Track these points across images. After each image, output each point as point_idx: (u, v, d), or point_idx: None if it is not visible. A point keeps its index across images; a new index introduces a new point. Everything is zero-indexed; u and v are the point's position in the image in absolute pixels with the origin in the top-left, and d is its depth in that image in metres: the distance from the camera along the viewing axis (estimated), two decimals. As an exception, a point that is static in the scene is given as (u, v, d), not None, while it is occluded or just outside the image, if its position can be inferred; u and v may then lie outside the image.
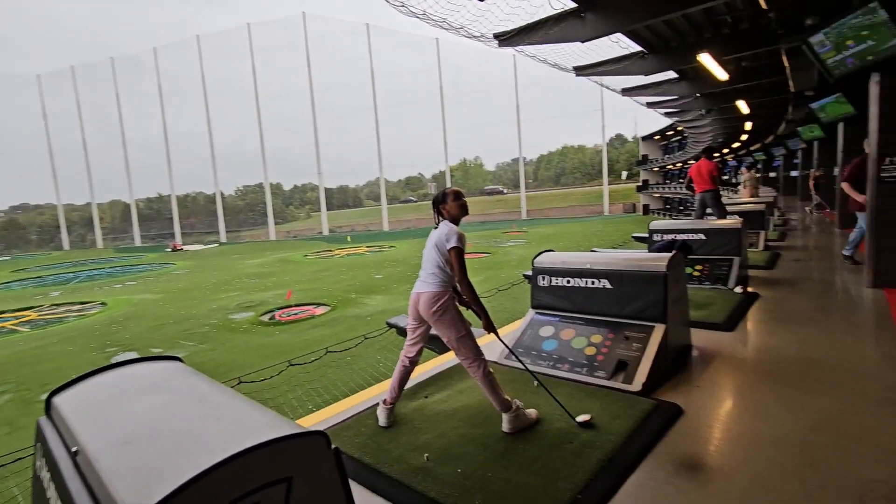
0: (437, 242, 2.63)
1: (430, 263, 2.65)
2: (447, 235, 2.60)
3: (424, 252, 2.73)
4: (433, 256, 2.64)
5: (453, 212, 2.71)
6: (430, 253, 2.67)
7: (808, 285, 5.55)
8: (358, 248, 41.78)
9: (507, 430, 2.52)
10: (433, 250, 2.65)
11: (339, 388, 7.53)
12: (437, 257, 2.62)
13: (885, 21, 4.33)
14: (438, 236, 2.64)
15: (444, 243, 2.60)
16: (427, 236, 2.77)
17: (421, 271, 2.72)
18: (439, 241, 2.62)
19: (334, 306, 18.70)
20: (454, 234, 2.59)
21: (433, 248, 2.65)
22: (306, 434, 1.15)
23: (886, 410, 2.53)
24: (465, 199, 2.81)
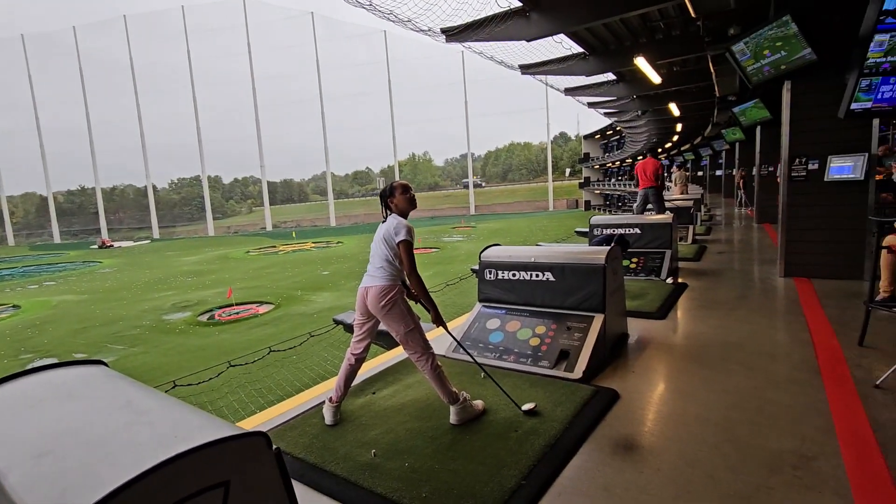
0: (385, 236, 2.60)
1: (379, 257, 2.62)
2: (395, 229, 2.58)
3: (372, 246, 2.69)
4: (381, 250, 2.61)
5: (401, 205, 2.69)
6: (378, 247, 2.63)
7: (729, 276, 6.01)
8: (304, 243, 40.60)
9: (454, 422, 2.55)
10: (381, 244, 2.62)
11: (283, 389, 7.32)
12: (385, 251, 2.59)
13: (795, 33, 4.75)
14: (387, 230, 2.61)
15: (392, 237, 2.57)
16: (375, 232, 2.73)
17: (369, 265, 2.68)
18: (387, 234, 2.59)
19: (279, 304, 18.09)
20: (403, 228, 2.57)
21: (381, 241, 2.62)
22: (244, 435, 1.11)
23: (794, 387, 2.80)
24: (414, 192, 2.80)
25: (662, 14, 7.54)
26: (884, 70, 4.51)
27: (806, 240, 5.44)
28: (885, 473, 1.96)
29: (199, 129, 55.48)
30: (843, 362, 3.09)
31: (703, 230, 10.02)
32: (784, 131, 5.57)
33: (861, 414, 2.44)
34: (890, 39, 4.31)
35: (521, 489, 1.97)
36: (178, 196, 75.32)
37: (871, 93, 4.64)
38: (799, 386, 2.81)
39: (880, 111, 4.74)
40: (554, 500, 1.94)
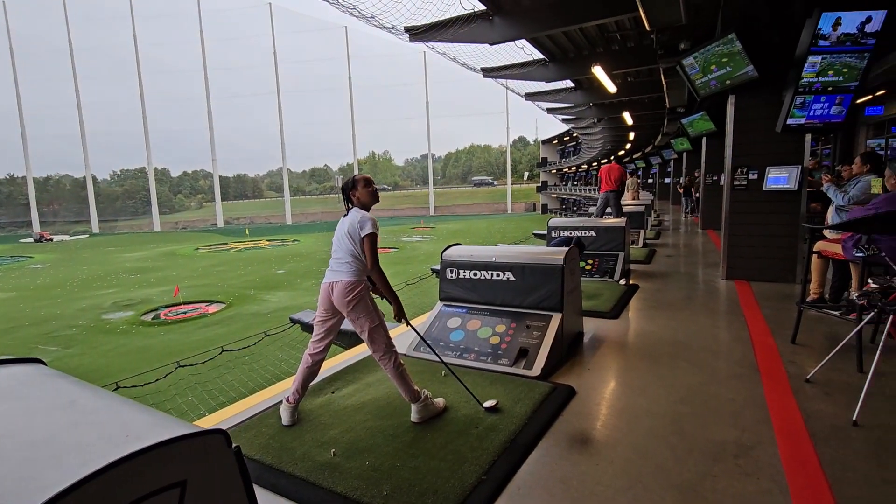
0: (349, 230, 2.54)
1: (343, 252, 2.55)
2: (360, 222, 2.52)
3: (335, 240, 2.63)
4: (346, 245, 2.55)
5: (364, 198, 2.64)
6: (341, 241, 2.57)
7: (677, 278, 6.32)
8: (258, 241, 39.29)
9: (415, 419, 2.55)
10: (345, 238, 2.55)
11: (237, 390, 7.05)
12: (350, 245, 2.54)
13: (739, 51, 5.07)
14: (350, 223, 2.55)
15: (357, 231, 2.52)
16: (334, 230, 2.67)
17: (332, 260, 2.61)
18: (352, 228, 2.53)
19: (230, 303, 17.44)
20: (368, 221, 2.52)
21: (345, 235, 2.56)
22: (202, 434, 1.06)
23: (735, 382, 2.98)
24: (376, 186, 2.77)
25: (619, 26, 7.85)
26: (816, 89, 4.89)
27: (745, 245, 5.81)
28: (814, 460, 2.12)
29: (146, 118, 52.60)
30: (777, 359, 3.32)
31: (653, 234, 10.50)
32: (728, 143, 5.93)
33: (793, 406, 2.63)
34: (822, 61, 4.68)
35: (482, 484, 2.00)
36: (121, 188, 71.01)
37: (805, 110, 5.03)
38: (739, 381, 3.00)
39: (812, 127, 5.13)
40: (514, 494, 1.98)
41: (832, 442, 2.26)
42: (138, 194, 66.58)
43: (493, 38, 7.02)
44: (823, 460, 2.11)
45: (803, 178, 5.34)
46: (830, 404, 2.64)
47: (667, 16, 4.78)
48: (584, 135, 28.43)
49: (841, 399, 2.67)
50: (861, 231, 3.01)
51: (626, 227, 6.37)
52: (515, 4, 6.84)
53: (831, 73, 4.80)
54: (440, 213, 63.25)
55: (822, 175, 4.47)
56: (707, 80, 5.64)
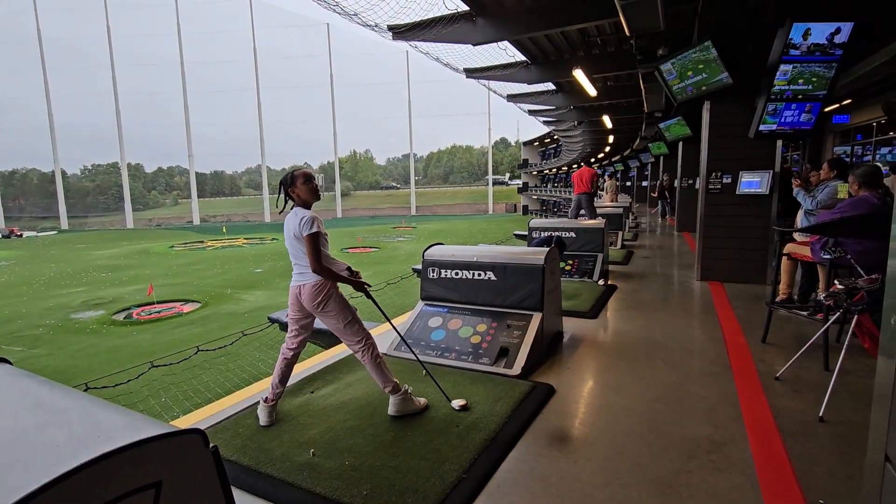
0: (295, 234, 2.47)
1: (300, 255, 2.50)
2: (301, 224, 2.43)
3: (287, 244, 2.57)
4: (298, 248, 2.49)
5: (304, 196, 2.57)
6: (293, 245, 2.52)
7: (653, 279, 6.45)
8: (235, 239, 38.58)
9: (392, 413, 2.54)
10: (295, 242, 2.49)
11: (212, 391, 6.90)
12: (301, 248, 2.47)
13: (715, 58, 5.20)
14: (294, 226, 2.47)
15: (300, 233, 2.45)
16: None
17: (294, 264, 2.57)
18: (296, 230, 2.46)
19: (206, 303, 17.08)
20: (308, 222, 2.43)
21: (294, 239, 2.49)
22: (178, 434, 1.04)
23: (707, 380, 3.06)
24: (317, 183, 2.68)
25: (599, 31, 7.97)
26: (787, 97, 5.06)
27: (719, 247, 5.97)
28: (783, 455, 2.19)
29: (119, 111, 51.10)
30: (749, 357, 3.42)
31: (630, 236, 10.69)
32: (703, 147, 6.08)
33: (764, 403, 2.71)
34: (793, 69, 4.84)
35: (462, 483, 2.00)
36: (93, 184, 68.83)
37: (776, 116, 5.19)
38: (713, 379, 3.08)
39: (783, 133, 5.30)
40: (494, 492, 1.99)
41: (800, 438, 2.34)
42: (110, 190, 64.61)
43: (475, 39, 7.05)
44: (792, 455, 2.18)
45: (774, 183, 5.51)
46: (799, 401, 2.73)
47: (646, 22, 4.87)
48: (565, 137, 28.77)
49: (809, 396, 2.77)
50: (828, 234, 3.13)
51: (604, 229, 6.47)
52: (499, 6, 6.88)
53: (801, 82, 4.97)
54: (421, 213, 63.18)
55: (793, 180, 4.62)
56: (684, 85, 5.77)
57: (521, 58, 9.19)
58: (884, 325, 0.86)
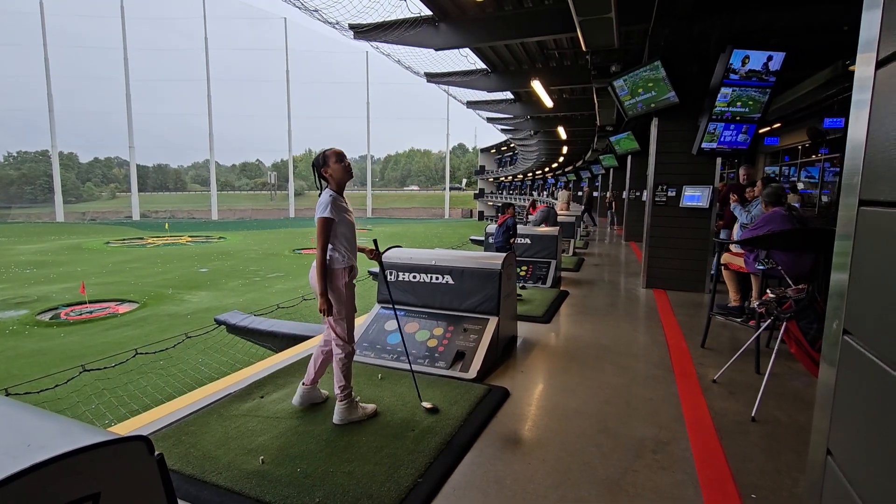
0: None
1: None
2: (319, 205, 2.44)
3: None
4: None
5: (337, 175, 2.51)
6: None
7: (603, 286, 6.70)
8: (179, 237, 36.65)
9: (337, 421, 2.50)
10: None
11: (151, 396, 6.48)
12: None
13: (663, 77, 5.50)
14: (317, 207, 2.48)
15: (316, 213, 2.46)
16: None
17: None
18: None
19: (144, 303, 16.10)
20: (323, 204, 2.42)
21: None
22: (119, 441, 0.97)
23: (653, 383, 3.21)
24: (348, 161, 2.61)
25: (557, 44, 8.23)
26: (726, 118, 5.42)
27: (664, 256, 6.29)
28: (720, 453, 2.33)
29: (51, 96, 47.34)
30: (689, 361, 3.62)
31: (581, 244, 11.06)
32: (650, 161, 6.39)
33: (703, 404, 2.88)
34: (732, 93, 5.20)
35: (418, 487, 1.99)
36: (17, 173, 63.29)
37: (716, 136, 5.55)
38: (657, 382, 3.23)
39: (722, 151, 5.68)
40: (449, 495, 1.99)
41: (735, 437, 2.49)
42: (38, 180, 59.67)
43: (438, 44, 7.10)
44: (728, 453, 2.32)
45: (714, 197, 5.88)
46: (733, 402, 2.91)
47: (601, 39, 5.08)
48: (521, 146, 29.44)
49: (742, 397, 2.96)
50: (756, 246, 3.38)
51: (558, 236, 6.66)
52: (461, 13, 6.96)
53: (739, 105, 5.35)
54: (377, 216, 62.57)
55: (731, 195, 4.95)
56: (635, 102, 6.06)
57: (482, 66, 9.34)
58: (826, 330, 0.94)
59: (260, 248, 29.92)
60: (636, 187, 12.20)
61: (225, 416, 2.60)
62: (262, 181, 76.43)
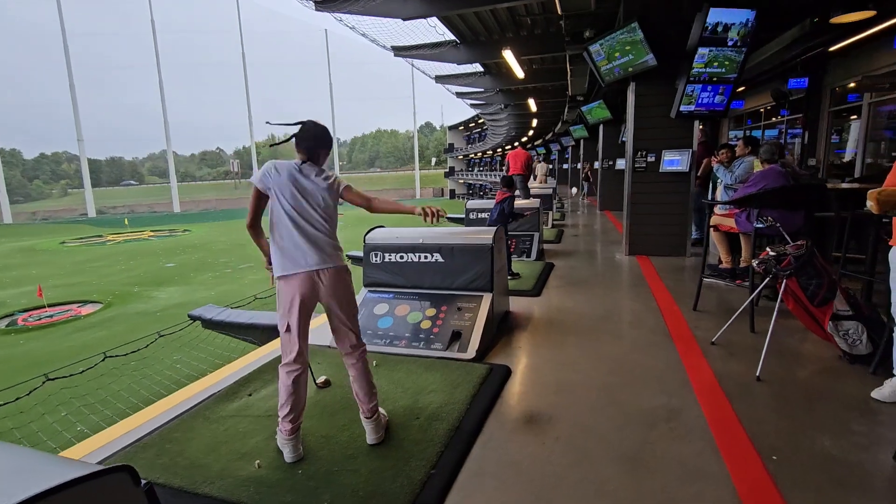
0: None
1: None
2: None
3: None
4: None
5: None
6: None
7: (586, 256, 6.68)
8: (140, 232, 35.13)
9: (374, 441, 2.11)
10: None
11: (126, 402, 6.14)
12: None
13: (641, 39, 5.37)
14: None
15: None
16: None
17: None
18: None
19: (109, 303, 15.38)
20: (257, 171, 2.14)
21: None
22: (98, 475, 0.78)
23: (653, 349, 3.16)
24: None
25: (528, 10, 7.98)
26: (703, 79, 5.36)
27: (645, 223, 6.27)
28: (733, 417, 2.29)
29: (-16, 88, 43.89)
30: (685, 325, 3.60)
31: (558, 216, 11.05)
32: (629, 127, 6.31)
33: (706, 367, 2.84)
34: (710, 53, 5.12)
35: (432, 479, 1.86)
36: (-46, 173, 58.92)
37: (694, 98, 5.50)
38: (657, 348, 3.19)
39: (700, 114, 5.63)
40: (465, 485, 1.87)
41: (744, 398, 2.46)
42: (-22, 180, 55.73)
43: (406, 14, 6.76)
44: (740, 416, 2.28)
45: (692, 161, 5.86)
46: (735, 363, 2.89)
47: (578, 1, 4.89)
48: (491, 120, 29.16)
49: (743, 358, 2.95)
50: (752, 205, 3.34)
51: (539, 209, 6.56)
52: (428, -21, 6.63)
53: (716, 65, 5.29)
54: (348, 200, 61.42)
55: (713, 156, 4.92)
56: (612, 66, 5.93)
57: (451, 37, 9.02)
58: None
59: (228, 239, 28.96)
60: (609, 156, 12.20)
61: (211, 418, 2.41)
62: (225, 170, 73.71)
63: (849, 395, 2.44)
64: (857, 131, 9.69)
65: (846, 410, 2.30)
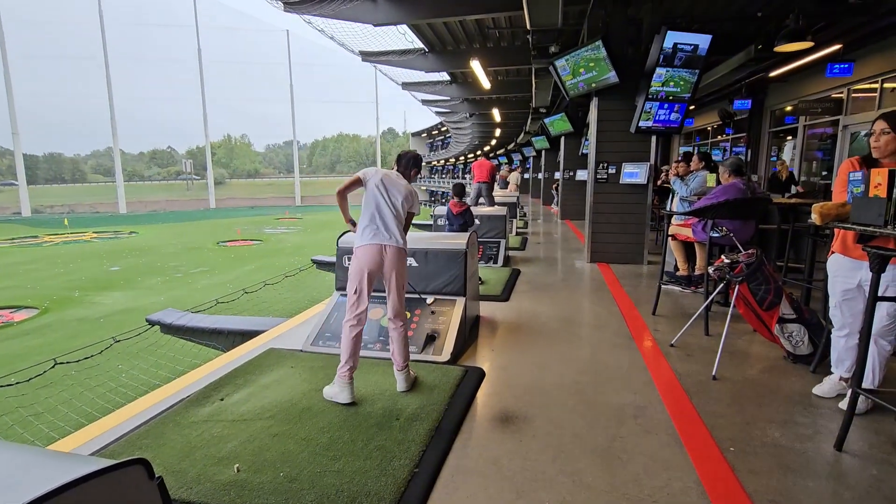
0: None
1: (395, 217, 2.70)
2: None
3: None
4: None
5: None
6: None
7: (550, 262, 6.89)
8: (81, 233, 32.99)
9: (403, 388, 2.63)
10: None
11: (80, 411, 5.73)
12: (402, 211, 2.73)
13: (604, 57, 5.65)
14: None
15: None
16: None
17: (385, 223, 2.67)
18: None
19: (46, 308, 14.37)
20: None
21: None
22: (115, 468, 0.78)
23: (618, 351, 3.32)
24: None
25: (496, 23, 8.20)
26: (661, 97, 5.69)
27: (606, 232, 6.55)
28: (693, 412, 2.45)
29: None
30: (645, 328, 3.80)
31: (522, 224, 11.31)
32: (591, 140, 6.59)
33: (667, 367, 3.02)
34: (667, 73, 5.45)
35: (416, 477, 1.89)
36: None
37: (652, 114, 5.82)
38: (621, 349, 3.35)
39: (657, 130, 5.97)
40: (448, 482, 1.91)
41: (702, 395, 2.64)
42: None
43: (376, 20, 6.79)
44: (700, 411, 2.45)
45: (650, 174, 6.19)
46: (693, 363, 3.09)
47: (546, 17, 5.10)
48: (455, 129, 29.45)
49: (700, 358, 3.15)
50: (709, 216, 3.59)
51: (506, 216, 6.72)
52: (399, -13, 6.70)
53: (672, 85, 5.63)
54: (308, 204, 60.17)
55: (670, 169, 5.21)
56: (576, 81, 6.19)
57: (420, 45, 9.11)
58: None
59: (179, 242, 27.70)
60: (569, 167, 12.63)
61: (183, 423, 2.33)
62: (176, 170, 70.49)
63: (793, 392, 2.67)
64: (790, 151, 10.54)
65: (791, 405, 2.51)
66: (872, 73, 7.46)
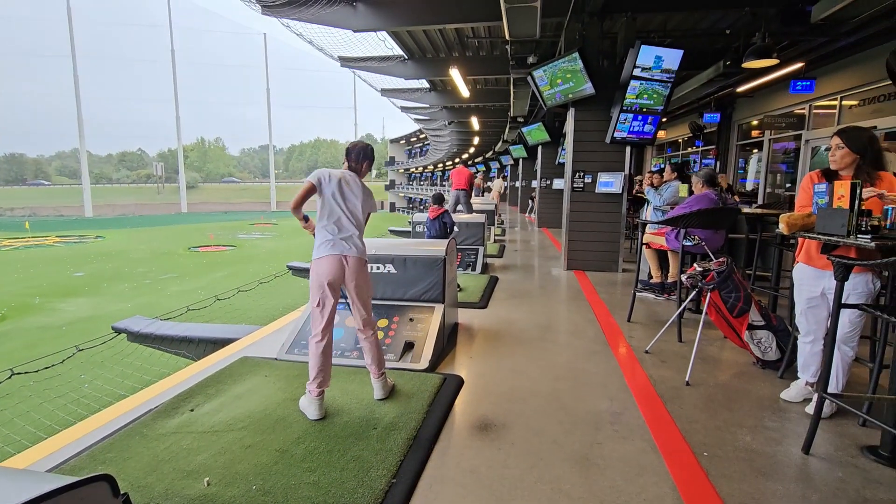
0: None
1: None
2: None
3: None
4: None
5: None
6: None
7: (528, 270, 6.94)
8: (43, 237, 31.69)
9: (380, 396, 2.61)
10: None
11: (38, 424, 5.44)
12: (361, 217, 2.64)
13: (581, 69, 5.76)
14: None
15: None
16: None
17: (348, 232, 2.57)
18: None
19: (3, 316, 13.74)
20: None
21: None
22: (77, 485, 0.74)
23: (595, 357, 3.36)
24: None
25: (475, 32, 8.29)
26: (635, 109, 5.83)
27: (582, 240, 6.65)
28: (667, 417, 2.49)
29: None
30: (621, 335, 3.86)
31: (499, 231, 11.40)
32: (568, 150, 6.70)
33: (642, 373, 3.07)
34: (640, 86, 5.59)
35: (394, 488, 1.86)
36: None
37: (627, 126, 5.96)
38: (597, 356, 3.39)
39: (631, 141, 6.11)
40: (427, 492, 1.89)
41: (676, 401, 2.68)
42: None
43: (356, 26, 6.77)
44: (674, 417, 2.49)
45: (625, 183, 6.32)
46: (667, 369, 3.14)
47: (525, 28, 5.17)
48: (434, 136, 29.55)
49: (673, 364, 3.21)
50: (680, 225, 3.68)
51: (485, 223, 6.76)
52: (380, -6, 6.70)
53: (646, 97, 5.79)
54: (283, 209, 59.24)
55: (644, 179, 5.34)
56: (554, 92, 6.29)
57: (399, 52, 9.13)
58: None
59: (148, 248, 26.87)
60: (546, 176, 12.80)
61: (149, 436, 2.24)
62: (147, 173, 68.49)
63: (762, 396, 2.74)
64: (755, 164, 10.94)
65: (761, 409, 2.58)
66: (832, 90, 7.82)
